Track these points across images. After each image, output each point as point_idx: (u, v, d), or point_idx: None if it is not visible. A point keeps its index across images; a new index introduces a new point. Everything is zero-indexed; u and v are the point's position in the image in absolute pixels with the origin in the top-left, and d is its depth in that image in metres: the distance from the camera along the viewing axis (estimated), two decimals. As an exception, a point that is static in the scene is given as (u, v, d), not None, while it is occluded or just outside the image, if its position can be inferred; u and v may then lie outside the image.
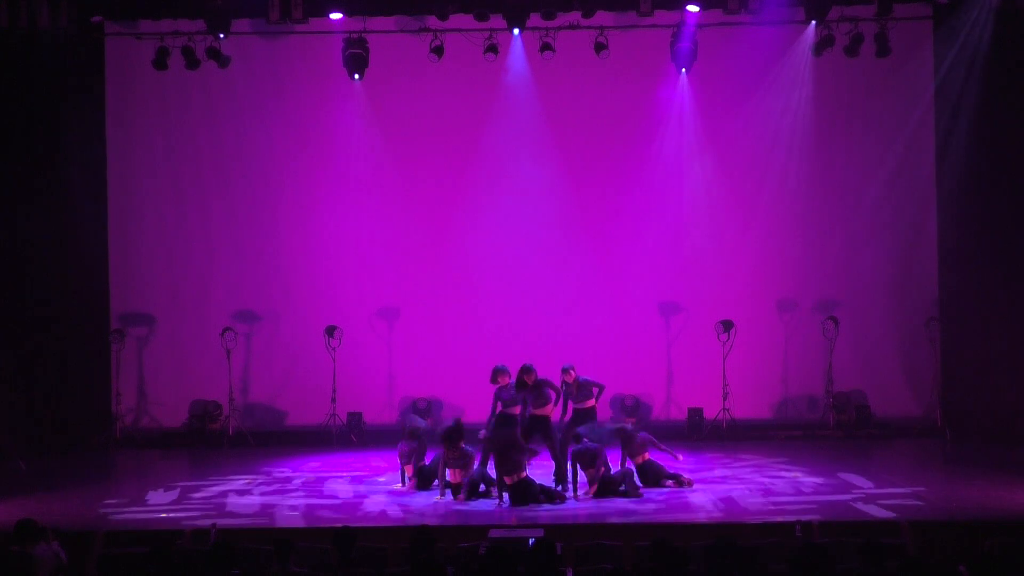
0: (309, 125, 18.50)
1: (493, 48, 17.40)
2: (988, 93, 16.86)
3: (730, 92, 18.35)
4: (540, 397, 13.73)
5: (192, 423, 18.00)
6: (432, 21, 17.33)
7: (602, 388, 14.27)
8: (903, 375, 18.23)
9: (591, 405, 14.05)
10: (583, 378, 14.05)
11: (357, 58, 17.61)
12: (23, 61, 16.82)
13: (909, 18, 17.69)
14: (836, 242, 18.45)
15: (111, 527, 11.94)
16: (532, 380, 13.69)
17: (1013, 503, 12.45)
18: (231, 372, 17.91)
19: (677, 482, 13.61)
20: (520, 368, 13.76)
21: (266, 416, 18.49)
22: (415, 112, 18.41)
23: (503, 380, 13.89)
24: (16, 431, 16.55)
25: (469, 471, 13.31)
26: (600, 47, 17.49)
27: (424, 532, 9.72)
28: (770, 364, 18.41)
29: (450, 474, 13.32)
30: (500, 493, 12.91)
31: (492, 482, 13.28)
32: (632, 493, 13.16)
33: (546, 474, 13.71)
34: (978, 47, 16.89)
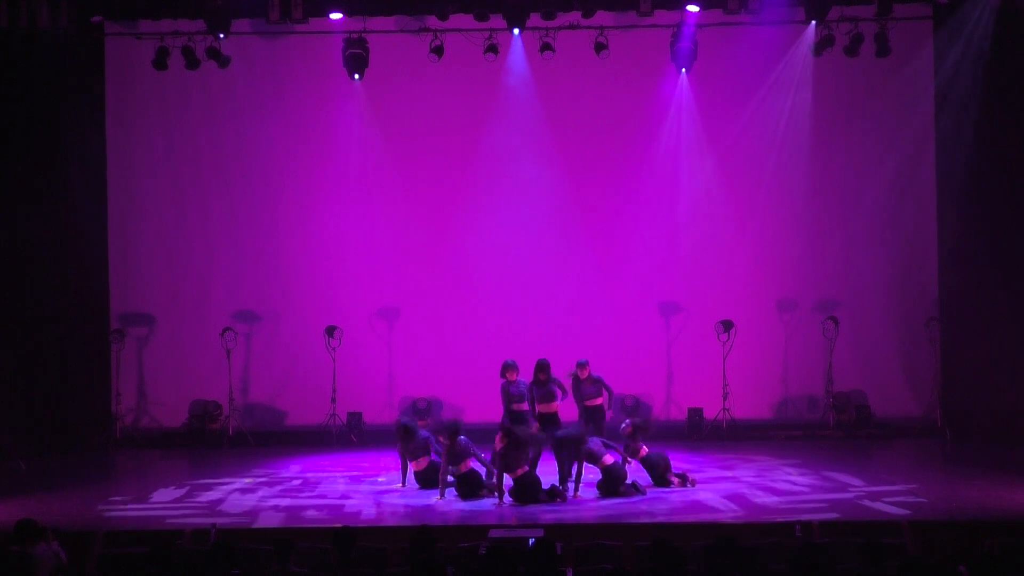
0: (309, 125, 18.51)
1: (493, 48, 17.40)
2: (988, 93, 16.87)
3: (730, 92, 18.36)
4: (547, 394, 13.76)
5: (192, 423, 18.00)
6: (432, 21, 17.33)
7: (611, 392, 14.37)
8: (903, 375, 18.24)
9: (599, 403, 14.18)
10: (595, 375, 14.16)
11: (357, 58, 17.61)
12: (23, 61, 16.82)
13: (909, 18, 17.70)
14: (836, 242, 18.45)
15: (112, 526, 11.94)
16: (545, 378, 13.72)
17: (1013, 503, 12.45)
18: (231, 372, 17.91)
19: (682, 480, 13.64)
20: (537, 364, 13.77)
21: (266, 416, 18.50)
22: (415, 112, 18.42)
23: (512, 376, 13.91)
24: (16, 431, 16.56)
25: (463, 464, 13.30)
26: (600, 47, 17.50)
27: (424, 532, 9.72)
28: (770, 364, 18.42)
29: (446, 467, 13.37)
30: (500, 493, 12.91)
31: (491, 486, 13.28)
32: (633, 491, 13.20)
33: (549, 471, 13.65)
34: (978, 47, 16.89)
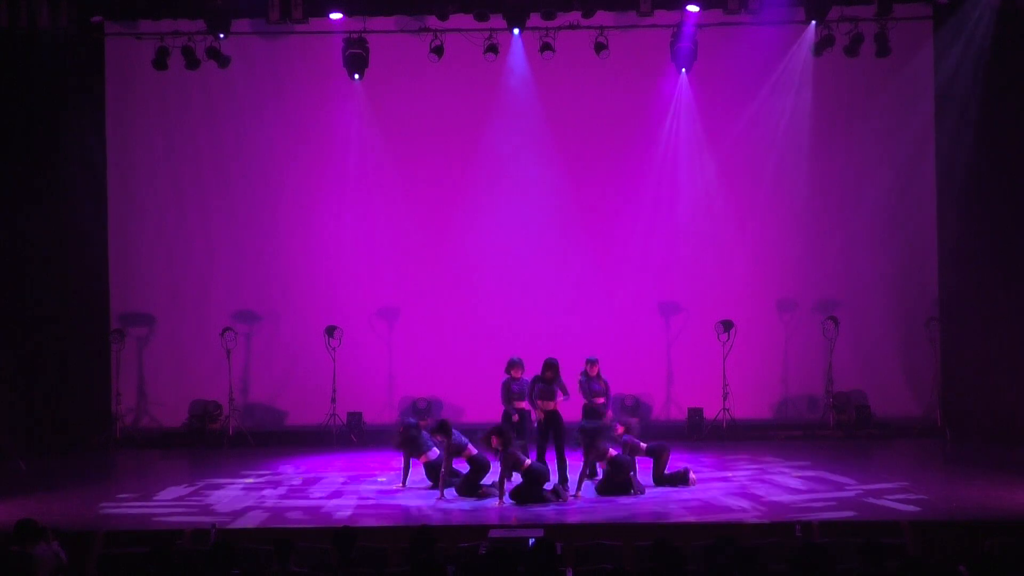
0: (309, 125, 18.50)
1: (493, 48, 17.39)
2: (988, 93, 16.87)
3: (730, 92, 18.36)
4: (548, 392, 13.80)
5: (192, 423, 17.99)
6: (432, 21, 17.33)
7: (608, 395, 14.57)
8: (903, 375, 18.23)
9: (601, 402, 14.40)
10: (602, 375, 14.37)
11: (357, 58, 17.61)
12: (23, 61, 16.83)
13: (909, 18, 17.69)
14: (836, 242, 18.45)
15: (113, 526, 11.93)
16: (552, 376, 13.75)
17: (1013, 503, 12.45)
18: (231, 372, 17.91)
19: (684, 479, 13.71)
20: (545, 362, 13.79)
21: (266, 416, 18.50)
22: (415, 112, 18.42)
23: (516, 373, 13.94)
24: (16, 431, 16.57)
25: (465, 453, 13.40)
26: (600, 47, 17.49)
27: (424, 532, 9.72)
28: (770, 364, 18.42)
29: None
30: (500, 493, 12.91)
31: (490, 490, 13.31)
32: (634, 489, 13.23)
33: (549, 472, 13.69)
34: (979, 47, 16.89)
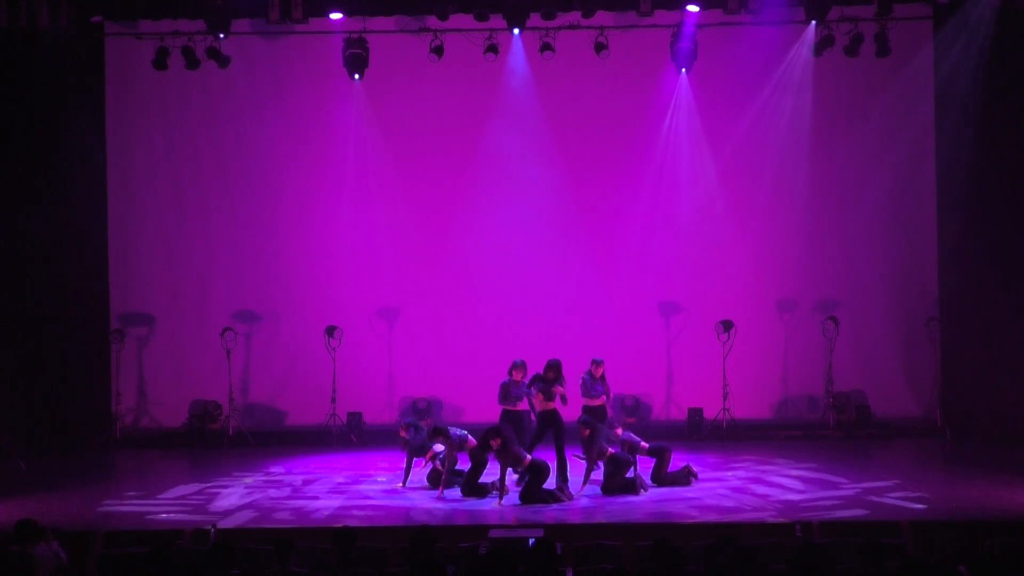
0: (309, 125, 18.50)
1: (493, 48, 17.39)
2: (988, 93, 16.86)
3: (730, 92, 18.35)
4: (548, 392, 13.80)
5: (192, 423, 17.99)
6: (432, 21, 17.32)
7: (608, 396, 14.60)
8: (903, 375, 18.23)
9: (601, 403, 14.38)
10: (605, 376, 14.46)
11: (357, 58, 17.60)
12: (23, 61, 16.82)
13: (909, 18, 17.69)
14: (836, 242, 18.44)
15: (112, 526, 11.94)
16: (554, 376, 13.75)
17: (1013, 503, 12.46)
18: (231, 372, 17.90)
19: (686, 478, 13.73)
20: (548, 363, 13.79)
21: (266, 416, 18.49)
22: (415, 112, 18.41)
23: (517, 375, 13.94)
24: (16, 431, 16.56)
25: (467, 446, 13.50)
26: (600, 47, 17.49)
27: (424, 532, 9.73)
28: (770, 364, 18.41)
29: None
30: (501, 492, 12.92)
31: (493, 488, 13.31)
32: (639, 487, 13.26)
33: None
34: (979, 47, 16.88)
